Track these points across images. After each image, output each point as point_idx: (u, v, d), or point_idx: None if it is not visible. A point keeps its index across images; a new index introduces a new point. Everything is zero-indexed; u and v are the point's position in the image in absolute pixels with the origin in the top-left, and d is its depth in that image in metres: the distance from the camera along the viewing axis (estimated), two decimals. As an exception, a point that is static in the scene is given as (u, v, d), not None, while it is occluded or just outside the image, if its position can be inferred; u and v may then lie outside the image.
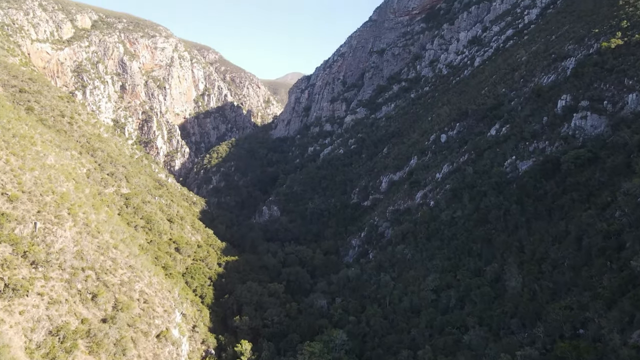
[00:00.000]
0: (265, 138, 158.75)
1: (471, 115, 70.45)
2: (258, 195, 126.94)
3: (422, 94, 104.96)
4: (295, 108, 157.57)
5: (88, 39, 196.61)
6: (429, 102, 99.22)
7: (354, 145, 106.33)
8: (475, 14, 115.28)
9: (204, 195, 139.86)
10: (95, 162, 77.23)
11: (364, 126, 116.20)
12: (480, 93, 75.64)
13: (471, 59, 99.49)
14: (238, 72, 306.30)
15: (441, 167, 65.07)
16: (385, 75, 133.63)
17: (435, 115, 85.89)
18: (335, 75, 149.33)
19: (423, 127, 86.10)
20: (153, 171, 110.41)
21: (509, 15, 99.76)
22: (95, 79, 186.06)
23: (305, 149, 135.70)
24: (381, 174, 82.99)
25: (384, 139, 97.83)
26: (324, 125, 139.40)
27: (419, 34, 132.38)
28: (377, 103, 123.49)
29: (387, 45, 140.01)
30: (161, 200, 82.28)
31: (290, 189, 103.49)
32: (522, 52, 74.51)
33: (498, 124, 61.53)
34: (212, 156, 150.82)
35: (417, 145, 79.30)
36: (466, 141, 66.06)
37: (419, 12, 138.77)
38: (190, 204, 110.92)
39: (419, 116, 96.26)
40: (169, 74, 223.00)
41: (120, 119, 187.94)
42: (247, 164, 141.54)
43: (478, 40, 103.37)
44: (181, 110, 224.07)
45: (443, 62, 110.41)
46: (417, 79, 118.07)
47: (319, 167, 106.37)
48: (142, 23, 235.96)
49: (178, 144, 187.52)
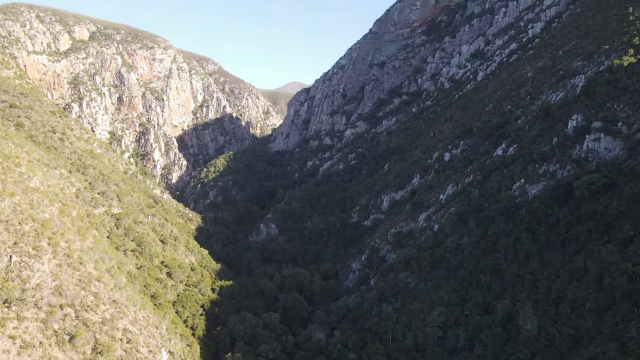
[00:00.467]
0: (264, 151, 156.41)
1: (476, 133, 68.01)
2: (256, 211, 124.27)
3: (424, 108, 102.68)
4: (295, 121, 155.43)
5: (85, 51, 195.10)
6: (431, 117, 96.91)
7: (354, 161, 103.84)
8: (478, 27, 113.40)
9: (200, 210, 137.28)
10: (85, 180, 74.65)
11: (364, 141, 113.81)
12: (485, 109, 73.29)
13: (474, 72, 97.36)
14: (237, 83, 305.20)
15: (445, 187, 62.49)
16: (385, 89, 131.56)
17: (438, 131, 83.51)
18: (335, 88, 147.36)
19: (425, 143, 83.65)
20: (148, 187, 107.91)
21: (513, 29, 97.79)
22: (92, 90, 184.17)
23: (305, 163, 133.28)
24: (382, 193, 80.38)
25: (385, 155, 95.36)
26: (323, 139, 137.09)
27: (419, 47, 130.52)
28: (377, 117, 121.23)
29: (388, 58, 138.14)
30: (154, 219, 79.52)
31: (289, 205, 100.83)
32: (527, 68, 72.23)
33: (505, 144, 59.03)
34: (209, 170, 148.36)
35: (420, 164, 76.79)
36: (471, 160, 63.55)
37: (420, 25, 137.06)
38: (185, 221, 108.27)
39: (421, 132, 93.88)
40: (167, 86, 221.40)
41: (117, 131, 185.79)
42: (245, 178, 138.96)
43: (481, 53, 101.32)
44: (179, 122, 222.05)
45: (445, 75, 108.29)
46: (419, 93, 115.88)
47: (318, 183, 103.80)
48: (141, 34, 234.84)
49: (175, 157, 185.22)
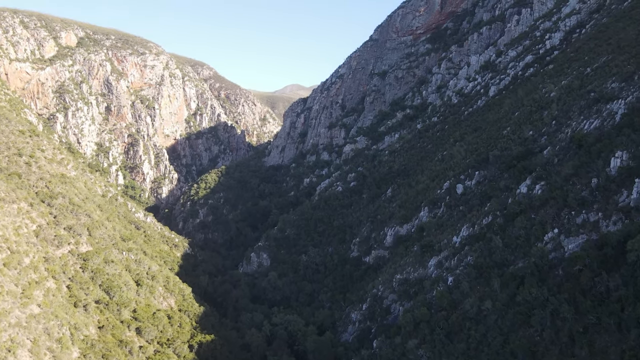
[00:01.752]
0: (258, 166, 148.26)
1: (493, 162, 59.80)
2: (248, 232, 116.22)
3: (430, 125, 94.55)
4: (291, 133, 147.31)
5: (72, 58, 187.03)
6: (437, 135, 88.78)
7: (353, 182, 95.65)
8: (487, 36, 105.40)
9: (190, 230, 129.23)
10: (50, 213, 66.25)
11: (365, 158, 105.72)
12: (502, 133, 65.10)
13: (485, 87, 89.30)
14: (233, 89, 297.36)
15: (459, 228, 54.24)
16: (387, 100, 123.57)
17: (447, 154, 75.35)
18: (334, 99, 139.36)
19: (433, 168, 75.42)
20: (129, 211, 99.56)
21: (527, 39, 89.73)
22: (78, 100, 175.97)
23: (301, 180, 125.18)
24: (385, 225, 72.14)
25: (388, 178, 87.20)
26: (321, 154, 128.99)
27: (424, 56, 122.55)
28: (379, 132, 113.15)
29: (390, 67, 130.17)
30: (130, 255, 71.08)
31: (282, 232, 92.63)
32: (550, 86, 64.03)
33: (530, 180, 50.67)
34: (199, 186, 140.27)
35: (428, 193, 68.56)
36: (489, 196, 55.30)
37: (424, 32, 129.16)
38: (171, 247, 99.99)
39: (427, 152, 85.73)
40: (159, 93, 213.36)
41: (105, 142, 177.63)
42: (238, 196, 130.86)
43: (492, 65, 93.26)
44: (171, 132, 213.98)
45: (452, 88, 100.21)
46: (423, 107, 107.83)
47: (315, 206, 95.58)
48: (132, 40, 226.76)
49: (166, 170, 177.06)
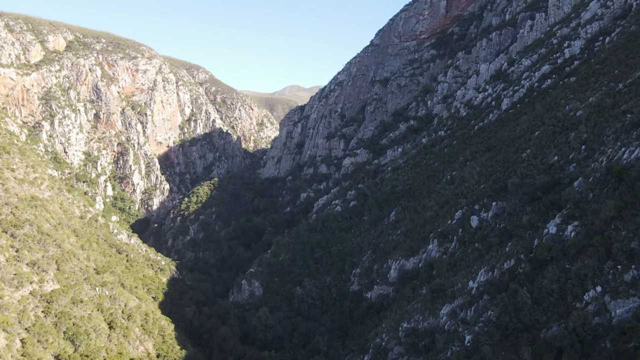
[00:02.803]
0: (253, 178, 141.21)
1: (512, 191, 52.66)
2: (241, 252, 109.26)
3: (436, 139, 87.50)
4: (287, 144, 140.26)
5: (59, 62, 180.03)
6: (445, 152, 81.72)
7: (353, 202, 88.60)
8: (497, 42, 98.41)
9: (179, 248, 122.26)
10: (12, 247, 59.18)
11: (366, 174, 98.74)
12: (521, 156, 57.97)
13: (496, 99, 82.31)
14: (230, 93, 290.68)
15: (475, 270, 47.06)
16: (389, 110, 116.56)
17: (457, 176, 68.27)
18: (332, 107, 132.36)
19: (442, 192, 68.32)
20: (110, 232, 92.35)
21: (542, 47, 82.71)
22: (65, 107, 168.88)
23: (297, 195, 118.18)
24: (389, 256, 65.02)
25: (391, 199, 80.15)
26: (319, 166, 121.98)
27: (428, 63, 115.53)
28: (380, 145, 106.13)
29: (392, 74, 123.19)
30: (104, 290, 63.95)
31: (276, 257, 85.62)
32: (575, 104, 56.94)
33: (560, 218, 43.39)
34: (190, 200, 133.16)
35: (437, 222, 61.45)
36: (509, 233, 48.14)
37: (428, 37, 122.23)
38: (156, 272, 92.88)
39: (434, 171, 78.63)
40: (152, 99, 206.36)
41: (93, 151, 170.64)
42: (231, 211, 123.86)
43: (504, 75, 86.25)
44: (164, 139, 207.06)
45: (460, 99, 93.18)
46: (429, 118, 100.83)
47: (311, 228, 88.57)
48: (123, 43, 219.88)
49: (157, 180, 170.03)
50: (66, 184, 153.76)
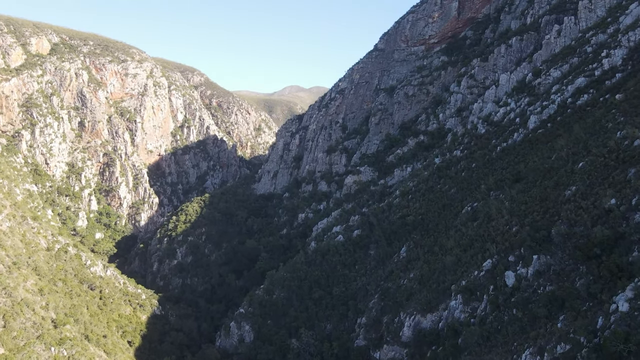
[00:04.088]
0: (247, 194, 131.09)
1: (559, 243, 42.64)
2: (232, 281, 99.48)
3: (452, 160, 77.48)
4: (284, 157, 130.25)
5: (42, 67, 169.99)
6: (463, 176, 71.72)
7: (357, 231, 78.62)
8: (518, 49, 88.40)
9: (165, 273, 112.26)
10: (-55, 303, 49.47)
11: (371, 196, 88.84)
12: (564, 194, 47.93)
13: (521, 115, 72.34)
14: (226, 97, 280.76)
15: (517, 351, 37.06)
16: (396, 122, 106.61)
17: (481, 208, 58.32)
18: (333, 118, 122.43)
19: (463, 230, 58.29)
20: (83, 265, 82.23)
21: (574, 55, 72.75)
22: (47, 114, 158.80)
23: (295, 215, 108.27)
24: (401, 308, 55.04)
25: (401, 232, 70.21)
26: (318, 183, 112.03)
27: (439, 70, 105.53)
28: (387, 162, 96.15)
29: (398, 82, 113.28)
30: (61, 350, 53.93)
31: (270, 294, 75.66)
32: (632, 131, 46.87)
33: (632, 292, 33.42)
34: (179, 218, 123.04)
35: (459, 271, 51.49)
36: (560, 301, 38.12)
37: (438, 41, 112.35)
38: (135, 308, 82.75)
39: (451, 199, 68.65)
40: (142, 105, 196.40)
41: (77, 162, 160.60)
42: (222, 232, 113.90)
43: (528, 87, 76.30)
44: (155, 147, 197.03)
45: (477, 113, 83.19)
46: (441, 134, 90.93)
47: (310, 261, 78.60)
48: (112, 45, 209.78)
49: (145, 193, 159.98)
50: (46, 199, 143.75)
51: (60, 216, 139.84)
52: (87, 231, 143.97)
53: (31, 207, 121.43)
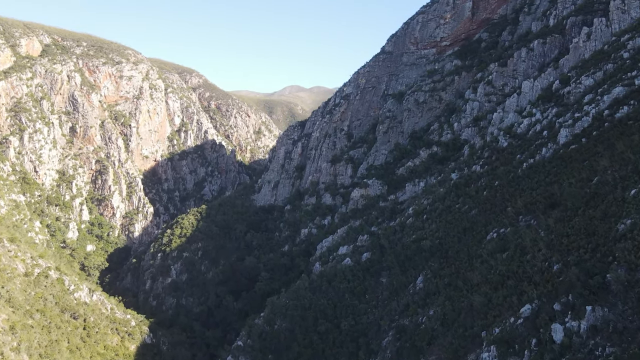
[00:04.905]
0: (246, 206, 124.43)
1: (618, 291, 35.75)
2: (230, 303, 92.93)
3: (471, 176, 70.69)
4: (285, 166, 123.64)
5: (32, 69, 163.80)
6: (485, 195, 64.94)
7: (367, 253, 71.95)
8: (541, 53, 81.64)
9: (159, 292, 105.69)
10: None
11: (380, 213, 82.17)
12: (616, 228, 40.94)
13: (549, 128, 65.61)
14: (225, 99, 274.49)
15: None
16: (405, 131, 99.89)
17: (512, 240, 51.49)
18: (338, 125, 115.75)
19: (492, 263, 51.42)
20: (66, 291, 75.59)
21: (609, 61, 65.95)
22: (37, 120, 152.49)
23: (297, 230, 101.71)
24: (421, 354, 48.14)
25: (416, 258, 63.44)
26: (322, 195, 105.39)
27: (452, 75, 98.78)
28: (397, 175, 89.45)
29: (408, 88, 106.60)
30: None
31: (270, 324, 68.96)
32: (697, 154, 40.04)
33: None
34: (174, 232, 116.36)
35: (491, 316, 44.57)
36: (625, 369, 31.11)
37: (450, 44, 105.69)
38: (123, 337, 76.06)
39: (473, 223, 61.90)
40: (137, 108, 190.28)
41: (68, 170, 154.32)
42: (219, 247, 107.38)
43: (556, 96, 69.54)
44: (151, 152, 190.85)
45: (497, 124, 76.43)
46: (456, 145, 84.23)
47: (314, 287, 71.93)
48: (107, 46, 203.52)
49: (140, 202, 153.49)
50: (34, 209, 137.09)
51: (49, 228, 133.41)
52: (77, 243, 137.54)
53: (16, 219, 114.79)
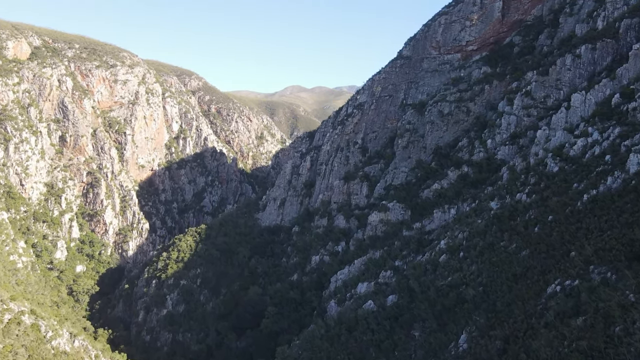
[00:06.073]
0: (249, 226, 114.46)
1: None
2: (232, 342, 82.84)
3: (516, 207, 60.64)
4: (293, 182, 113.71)
5: (18, 74, 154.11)
6: (537, 234, 54.88)
7: (393, 296, 62.03)
8: (590, 60, 71.64)
9: (153, 325, 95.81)
10: None
11: (405, 244, 72.22)
12: None
13: (613, 151, 55.67)
14: (225, 102, 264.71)
15: None
16: (428, 146, 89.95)
17: (590, 304, 41.49)
18: (351, 137, 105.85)
19: (561, 329, 41.41)
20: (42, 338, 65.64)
21: (683, 73, 55.71)
22: (24, 128, 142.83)
23: (307, 257, 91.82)
24: None
25: (455, 309, 53.43)
26: (334, 217, 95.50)
27: (481, 84, 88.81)
28: (422, 199, 79.48)
29: (429, 97, 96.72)
30: None
31: (280, 382, 58.95)
32: None
33: None
34: (170, 256, 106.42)
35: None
36: None
37: (478, 49, 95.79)
38: (107, 391, 65.84)
39: (527, 268, 51.93)
40: (132, 114, 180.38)
41: (57, 182, 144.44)
42: (220, 274, 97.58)
43: (618, 113, 59.59)
44: (147, 161, 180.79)
45: (543, 143, 66.39)
46: (491, 166, 74.23)
47: (331, 335, 61.96)
48: (101, 48, 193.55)
49: (134, 218, 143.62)
50: (19, 226, 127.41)
51: (35, 247, 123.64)
52: (66, 264, 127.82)
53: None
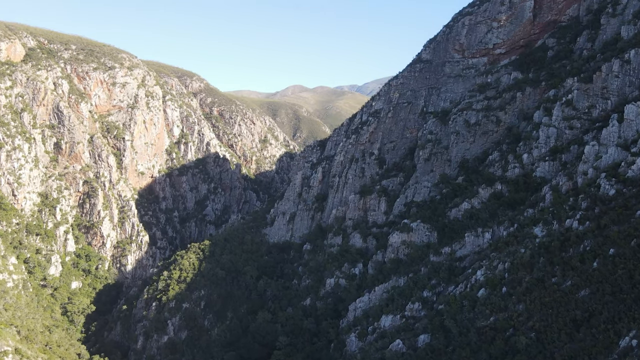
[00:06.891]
0: (256, 242, 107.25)
1: None
2: (239, 375, 75.41)
3: (566, 236, 53.51)
4: (303, 195, 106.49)
5: (11, 77, 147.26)
6: (596, 269, 47.80)
7: (424, 336, 54.94)
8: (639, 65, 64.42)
9: (153, 353, 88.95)
10: None
11: (433, 271, 65.16)
12: None
13: (681, 174, 48.18)
14: (228, 105, 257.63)
15: None
16: (454, 159, 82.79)
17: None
18: (366, 147, 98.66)
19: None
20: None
21: None
22: (16, 135, 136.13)
23: (321, 279, 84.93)
24: None
25: (498, 353, 46.37)
26: (350, 235, 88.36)
27: (512, 91, 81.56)
28: (449, 219, 72.30)
29: (453, 105, 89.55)
30: None
31: None
32: None
33: None
34: (171, 275, 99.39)
35: None
36: None
37: (507, 52, 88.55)
38: None
39: (586, 312, 44.95)
40: (132, 119, 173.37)
41: (52, 192, 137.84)
42: (226, 297, 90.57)
43: (683, 129, 52.19)
44: (147, 168, 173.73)
45: (592, 161, 59.27)
46: (529, 184, 67.04)
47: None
48: (98, 50, 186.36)
49: (133, 230, 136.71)
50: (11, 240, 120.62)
51: (28, 263, 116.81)
52: (60, 280, 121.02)
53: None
